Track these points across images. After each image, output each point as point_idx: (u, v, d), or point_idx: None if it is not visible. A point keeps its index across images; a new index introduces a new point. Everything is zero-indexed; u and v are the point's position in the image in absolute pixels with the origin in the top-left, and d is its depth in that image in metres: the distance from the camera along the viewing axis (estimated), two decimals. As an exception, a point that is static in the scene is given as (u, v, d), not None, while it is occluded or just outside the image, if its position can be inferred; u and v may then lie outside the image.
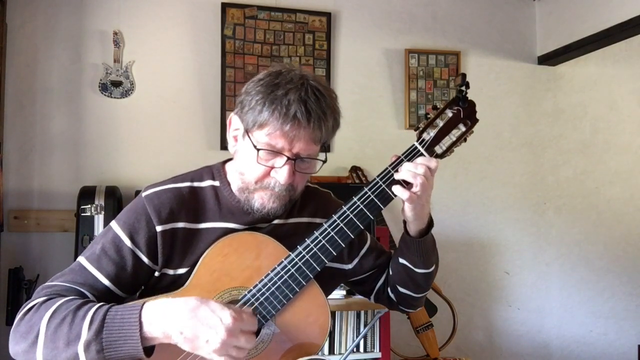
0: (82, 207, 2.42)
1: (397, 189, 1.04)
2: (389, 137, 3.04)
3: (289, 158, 1.00)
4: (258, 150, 1.00)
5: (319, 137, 1.01)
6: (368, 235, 1.23)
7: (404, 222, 1.13)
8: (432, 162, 1.05)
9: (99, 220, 2.42)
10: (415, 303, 1.24)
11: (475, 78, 3.20)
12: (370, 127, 3.03)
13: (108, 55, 2.69)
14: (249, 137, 1.02)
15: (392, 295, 1.22)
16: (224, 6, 2.84)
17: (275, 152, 1.00)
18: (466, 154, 3.12)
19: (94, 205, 2.42)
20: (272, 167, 1.02)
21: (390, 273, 1.20)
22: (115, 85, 2.69)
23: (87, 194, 2.46)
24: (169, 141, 2.76)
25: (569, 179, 3.35)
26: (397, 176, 1.05)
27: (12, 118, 2.60)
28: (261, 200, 1.04)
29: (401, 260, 1.15)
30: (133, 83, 2.72)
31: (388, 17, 3.10)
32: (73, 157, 2.66)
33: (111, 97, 2.69)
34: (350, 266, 1.20)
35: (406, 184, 1.04)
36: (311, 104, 0.98)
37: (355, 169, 2.86)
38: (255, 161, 1.01)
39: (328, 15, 2.99)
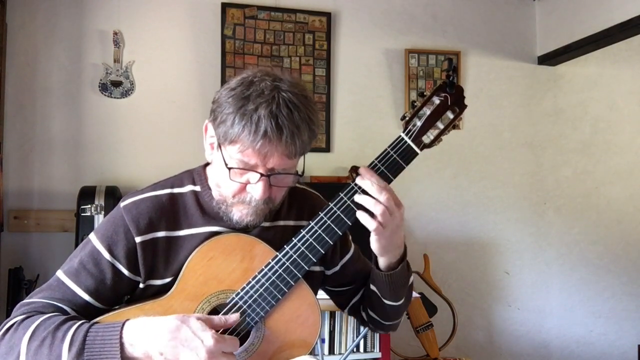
0: (82, 207, 2.41)
1: (362, 217, 0.99)
2: (389, 137, 2.98)
3: (262, 175, 0.96)
4: (229, 169, 0.97)
5: (293, 151, 0.96)
6: (352, 245, 1.22)
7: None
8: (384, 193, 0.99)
9: (99, 220, 2.41)
10: (385, 328, 1.21)
11: (475, 78, 3.21)
12: (370, 127, 3.03)
13: (108, 55, 2.69)
14: (221, 151, 0.99)
15: (363, 315, 1.21)
16: (224, 6, 2.84)
17: (249, 169, 0.97)
18: (466, 154, 3.10)
19: (94, 205, 2.42)
20: (247, 183, 0.99)
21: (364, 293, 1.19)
22: (115, 85, 2.69)
23: (87, 194, 2.45)
24: (169, 141, 2.76)
25: (569, 179, 3.35)
26: (356, 199, 1.00)
27: (12, 118, 2.59)
28: (239, 214, 1.01)
29: (371, 286, 1.14)
30: (133, 83, 2.72)
31: (388, 17, 3.10)
32: (73, 157, 2.66)
33: (111, 97, 2.69)
34: (329, 272, 1.19)
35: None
36: (283, 119, 0.93)
37: (355, 169, 2.86)
38: (228, 178, 0.98)
39: (328, 15, 2.99)
